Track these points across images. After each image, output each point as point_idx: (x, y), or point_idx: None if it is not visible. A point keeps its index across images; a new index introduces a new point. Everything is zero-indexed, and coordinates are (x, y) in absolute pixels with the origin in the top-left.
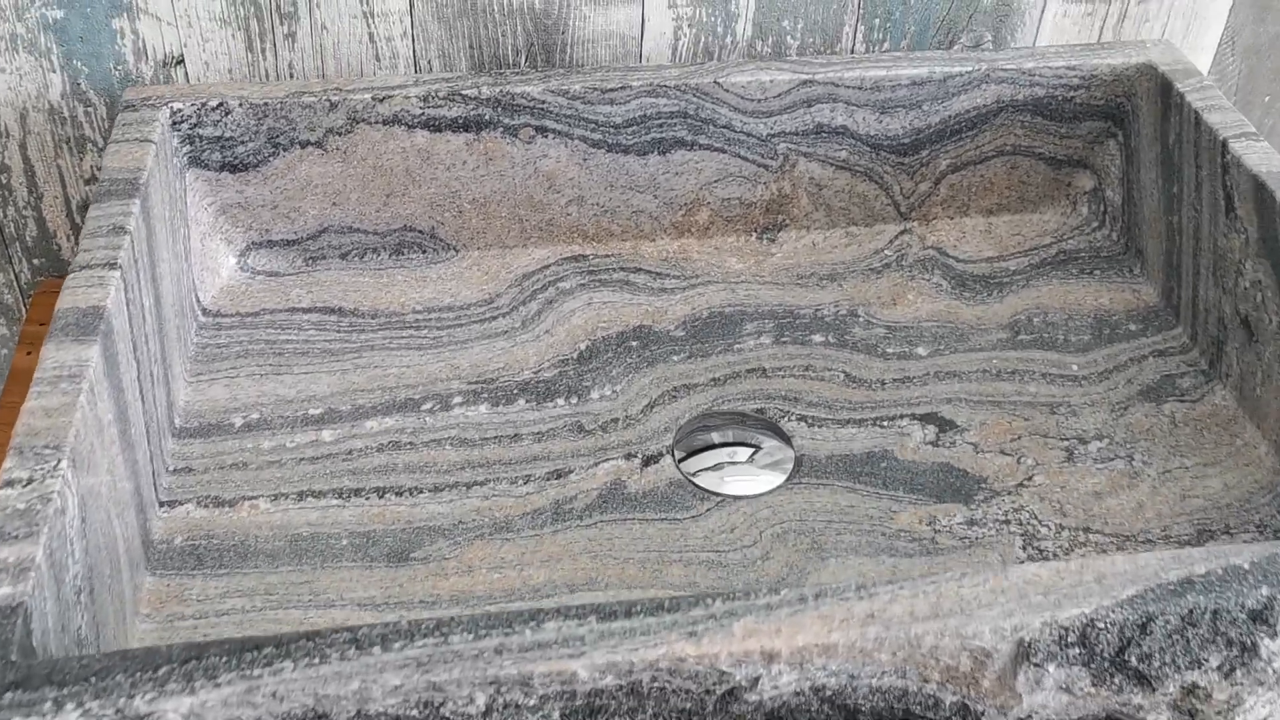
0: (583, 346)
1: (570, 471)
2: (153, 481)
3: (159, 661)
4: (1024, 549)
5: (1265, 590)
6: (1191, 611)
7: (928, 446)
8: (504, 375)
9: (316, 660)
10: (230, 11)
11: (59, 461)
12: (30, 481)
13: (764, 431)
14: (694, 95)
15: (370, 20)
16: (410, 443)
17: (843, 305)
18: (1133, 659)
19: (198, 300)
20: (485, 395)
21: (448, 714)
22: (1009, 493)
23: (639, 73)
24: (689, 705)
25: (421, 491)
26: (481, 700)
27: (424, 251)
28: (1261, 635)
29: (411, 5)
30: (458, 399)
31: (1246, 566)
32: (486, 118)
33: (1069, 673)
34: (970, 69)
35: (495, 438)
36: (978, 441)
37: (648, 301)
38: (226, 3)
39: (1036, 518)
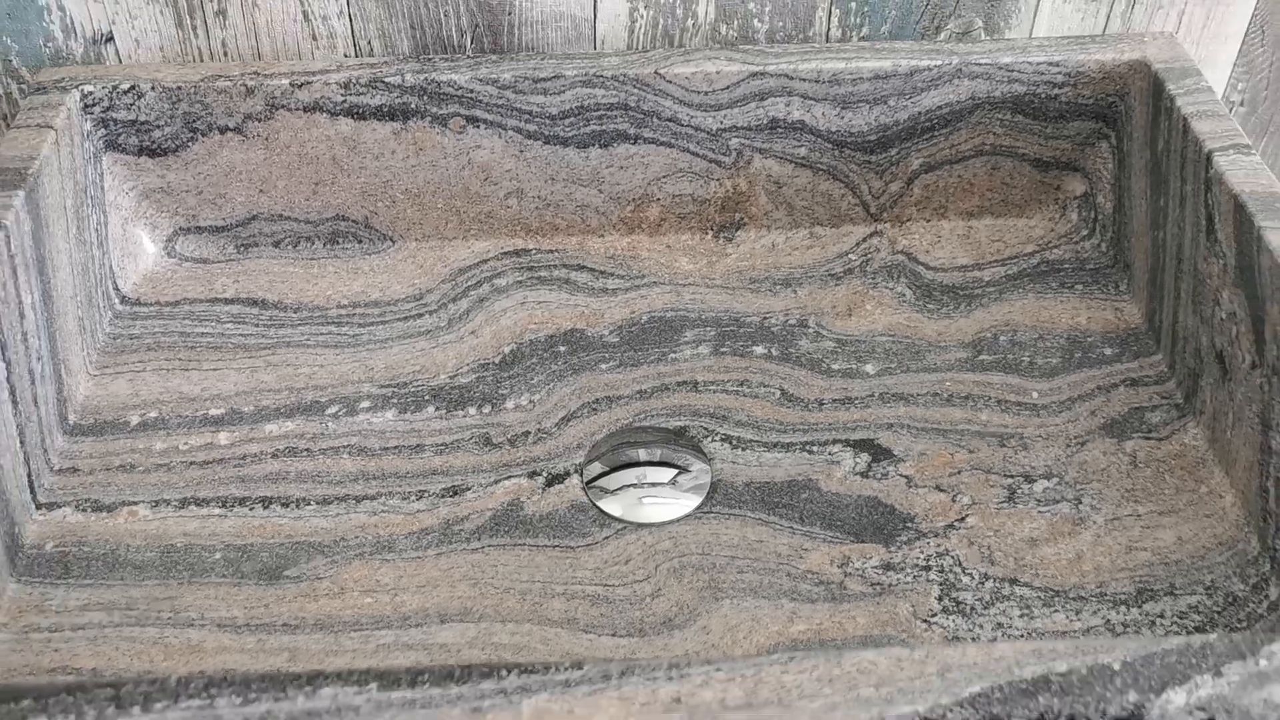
0: (507, 350)
1: (468, 489)
2: (28, 483)
3: None
4: (940, 600)
5: (1133, 696)
6: (1043, 716)
7: (856, 477)
8: (418, 379)
9: (72, 717)
10: None
11: None
12: None
13: (687, 452)
14: (634, 87)
15: (304, 1)
16: (307, 449)
17: (794, 314)
18: None
19: (115, 289)
20: (394, 400)
21: None
22: (936, 535)
23: (574, 61)
24: None
25: (309, 504)
26: None
27: (359, 241)
28: None
29: None
30: (365, 403)
31: (1116, 667)
32: (413, 106)
33: None
34: (940, 63)
35: (396, 448)
36: (913, 474)
37: (585, 303)
38: None
39: (961, 565)
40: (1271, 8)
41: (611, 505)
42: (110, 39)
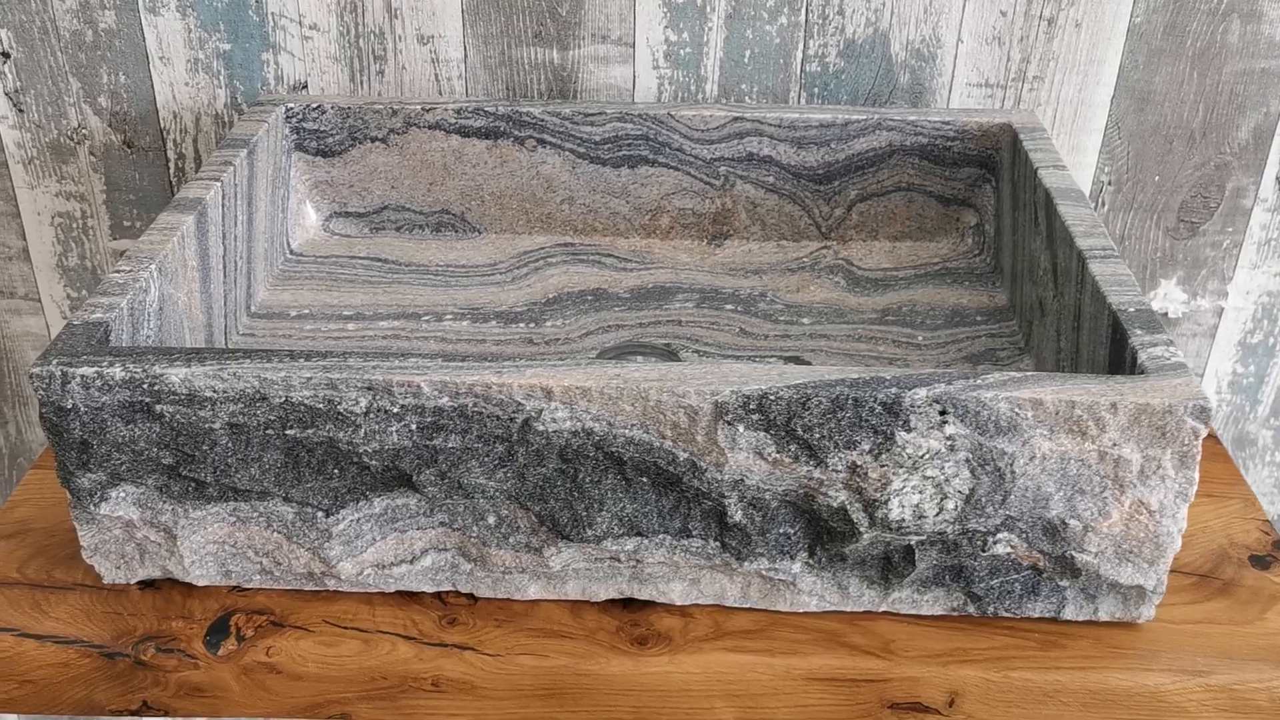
0: (551, 295)
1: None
2: (224, 332)
3: (173, 351)
4: None
5: (894, 390)
6: (839, 397)
7: None
8: (487, 307)
9: (263, 361)
10: (341, 52)
11: (151, 265)
12: (130, 271)
13: (669, 359)
14: (652, 123)
15: (436, 65)
16: (406, 336)
17: (757, 289)
18: (799, 428)
19: (288, 243)
20: (468, 316)
21: (341, 410)
22: None
23: (614, 104)
24: (499, 431)
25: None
26: (363, 402)
27: (456, 231)
28: (897, 428)
29: (465, 55)
30: (449, 316)
31: (888, 378)
32: (501, 129)
33: (756, 437)
34: (865, 117)
35: (467, 339)
36: None
37: (610, 275)
38: (338, 46)
39: None
40: (1123, 110)
41: None
42: (305, 86)
